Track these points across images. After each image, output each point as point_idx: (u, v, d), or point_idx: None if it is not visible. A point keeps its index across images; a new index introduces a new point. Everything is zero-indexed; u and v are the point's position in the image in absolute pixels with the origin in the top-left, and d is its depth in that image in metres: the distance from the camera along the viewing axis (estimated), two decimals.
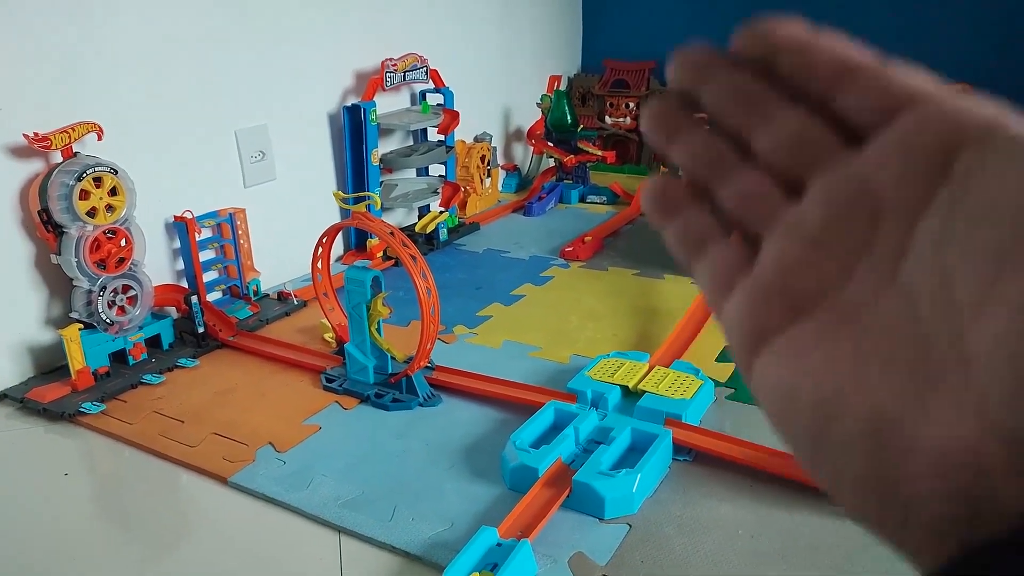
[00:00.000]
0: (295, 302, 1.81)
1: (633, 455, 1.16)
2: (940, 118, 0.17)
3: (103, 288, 1.45)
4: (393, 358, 1.42)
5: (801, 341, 0.18)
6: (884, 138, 0.18)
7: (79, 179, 1.37)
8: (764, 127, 0.20)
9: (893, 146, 0.18)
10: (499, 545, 0.97)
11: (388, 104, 2.22)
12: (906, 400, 0.16)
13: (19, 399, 1.39)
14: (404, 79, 2.17)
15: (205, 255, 1.72)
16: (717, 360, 1.51)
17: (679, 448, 1.19)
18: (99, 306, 1.44)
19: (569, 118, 2.66)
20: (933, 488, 0.15)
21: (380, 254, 2.08)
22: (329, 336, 1.60)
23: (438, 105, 2.31)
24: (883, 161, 0.18)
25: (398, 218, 2.38)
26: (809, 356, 0.18)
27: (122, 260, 1.48)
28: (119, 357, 1.50)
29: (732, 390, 1.39)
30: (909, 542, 0.16)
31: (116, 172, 1.44)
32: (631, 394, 1.31)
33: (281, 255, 1.93)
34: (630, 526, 1.05)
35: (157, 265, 1.65)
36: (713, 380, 1.38)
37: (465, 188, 2.47)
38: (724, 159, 0.21)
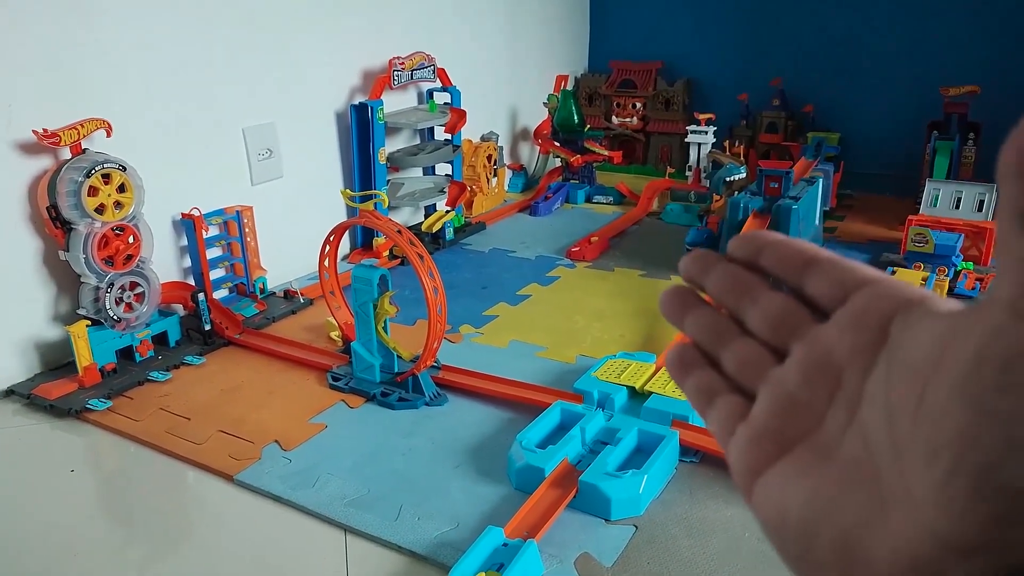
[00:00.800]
0: (301, 300, 1.81)
1: (639, 456, 1.16)
2: (880, 296, 0.22)
3: (111, 285, 1.45)
4: (399, 357, 1.42)
5: (788, 474, 0.23)
6: (840, 314, 0.23)
7: (88, 175, 1.38)
8: (753, 307, 0.26)
9: (847, 320, 0.23)
10: (505, 545, 0.97)
11: (395, 103, 2.22)
12: (866, 521, 0.20)
13: (26, 395, 1.40)
14: (411, 78, 2.17)
15: (212, 252, 1.73)
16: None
17: (686, 449, 1.19)
18: (107, 303, 1.44)
19: (576, 118, 2.65)
20: None
21: (387, 252, 2.08)
22: (335, 334, 1.60)
23: (445, 104, 2.31)
24: (840, 332, 0.23)
25: (404, 217, 2.38)
26: (794, 487, 0.22)
27: (130, 257, 1.48)
28: (126, 354, 1.50)
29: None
30: None
31: (125, 169, 1.44)
32: (638, 395, 1.31)
33: (288, 253, 1.93)
34: (636, 527, 1.05)
35: (164, 262, 1.65)
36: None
37: (471, 187, 2.47)
38: (725, 332, 0.27)
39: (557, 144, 2.72)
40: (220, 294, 1.77)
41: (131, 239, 1.48)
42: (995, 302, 0.18)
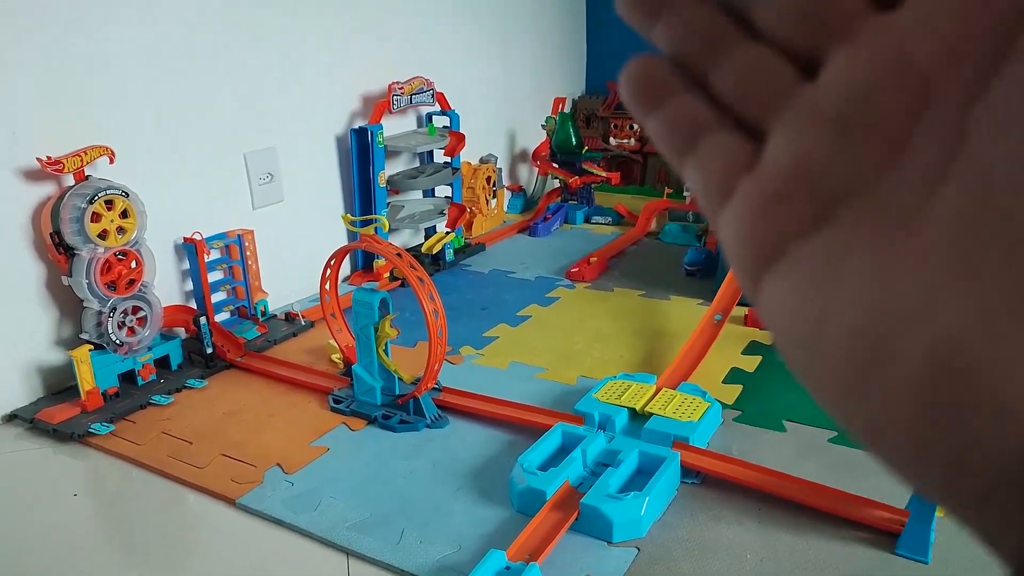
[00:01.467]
0: (302, 323, 1.82)
1: (641, 478, 1.16)
2: None
3: (113, 309, 1.46)
4: (400, 379, 1.42)
5: (830, 252, 0.14)
6: None
7: (91, 202, 1.39)
8: None
9: (939, 3, 0.13)
10: (508, 568, 0.97)
11: (395, 126, 2.25)
12: (990, 325, 0.12)
13: (29, 420, 1.40)
14: (411, 102, 2.20)
15: (214, 276, 1.74)
16: (724, 382, 1.51)
17: (687, 471, 1.19)
18: (109, 327, 1.45)
19: (574, 139, 2.68)
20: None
21: (387, 274, 2.09)
22: (336, 357, 1.61)
23: (444, 127, 2.33)
24: (925, 21, 0.13)
25: (404, 238, 2.40)
26: (845, 270, 0.14)
27: (132, 282, 1.49)
28: (128, 378, 1.51)
29: (739, 412, 1.39)
30: (990, 520, 0.12)
31: (127, 195, 1.45)
32: (638, 416, 1.32)
33: (289, 276, 1.94)
34: (638, 549, 1.05)
35: (166, 286, 1.67)
36: (720, 402, 1.38)
37: (471, 209, 2.48)
38: (720, 33, 0.17)
39: (555, 165, 2.75)
40: (222, 317, 1.78)
41: (133, 264, 1.49)
42: None
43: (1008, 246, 0.12)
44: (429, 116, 2.36)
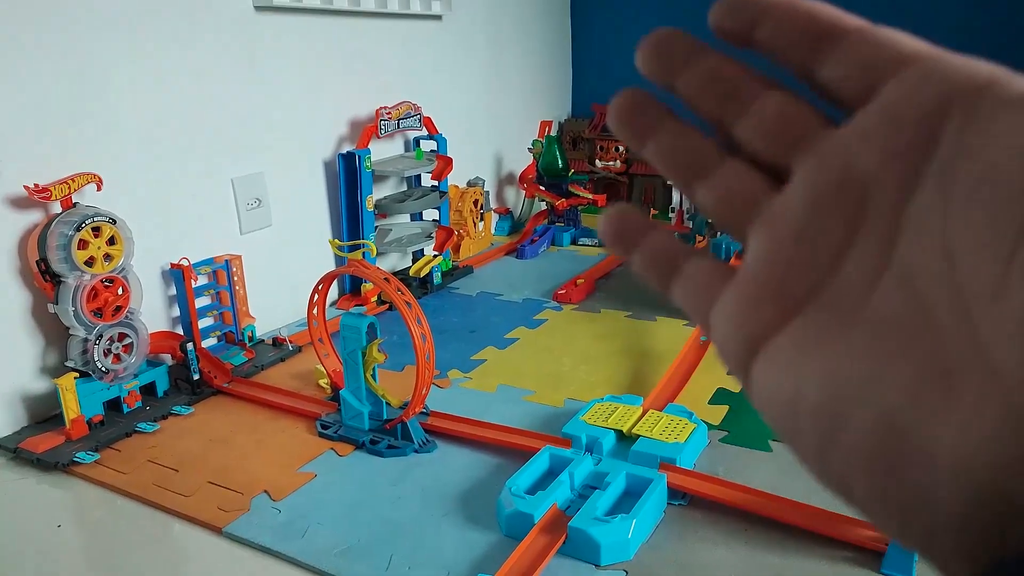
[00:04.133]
0: (290, 348, 1.82)
1: (628, 500, 1.16)
2: (925, 81, 0.15)
3: (99, 336, 1.45)
4: (388, 404, 1.42)
5: (798, 343, 0.17)
6: (867, 110, 0.16)
7: (78, 229, 1.39)
8: (742, 112, 0.19)
9: (876, 118, 0.16)
10: None
11: (382, 151, 2.26)
12: (918, 399, 0.14)
13: (12, 449, 1.39)
14: (398, 127, 2.22)
15: (201, 301, 1.74)
16: (710, 403, 1.52)
17: (674, 492, 1.19)
18: (95, 354, 1.45)
19: (560, 162, 2.71)
20: (958, 494, 0.14)
21: (375, 298, 2.09)
22: (324, 382, 1.61)
23: (432, 151, 2.35)
24: (866, 136, 0.16)
25: (392, 262, 2.41)
26: (809, 358, 0.16)
27: (119, 308, 1.49)
28: (114, 405, 1.50)
29: (726, 433, 1.40)
30: (936, 551, 0.15)
31: (115, 222, 1.46)
32: (625, 438, 1.32)
33: (276, 301, 1.94)
34: (626, 572, 1.05)
35: (153, 312, 1.66)
36: (706, 423, 1.39)
37: (459, 232, 2.50)
38: (702, 154, 0.19)
39: (542, 188, 2.77)
40: (209, 343, 1.77)
41: (120, 291, 1.49)
42: None
43: (926, 335, 0.15)
44: (417, 140, 2.38)
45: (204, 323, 1.75)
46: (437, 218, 2.38)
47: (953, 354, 0.14)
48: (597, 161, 3.10)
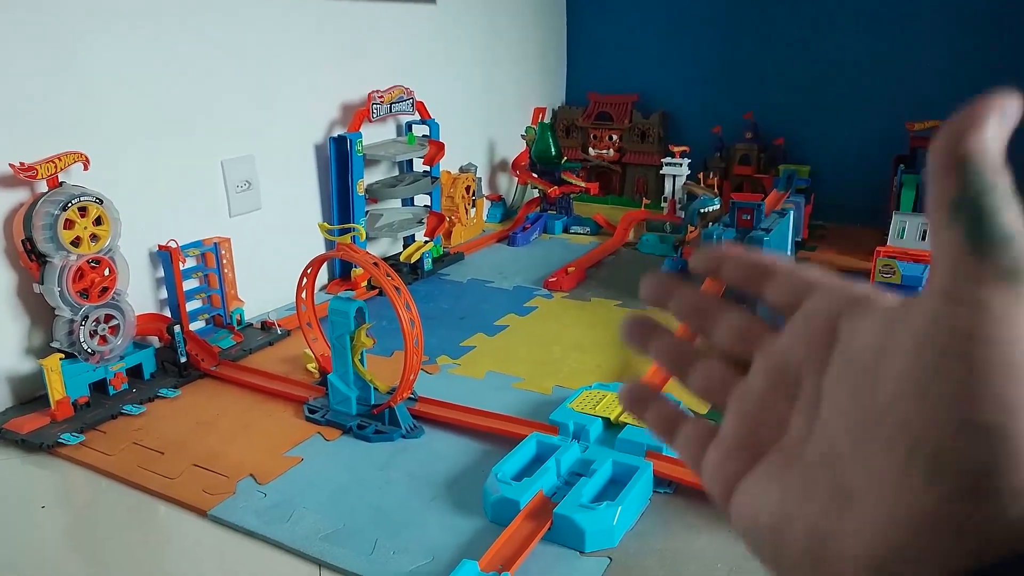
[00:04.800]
0: (278, 332, 1.81)
1: (614, 487, 1.17)
2: (827, 297, 0.23)
3: (85, 317, 1.44)
4: (376, 389, 1.42)
5: (760, 481, 0.23)
6: (793, 319, 0.24)
7: (64, 209, 1.38)
8: (715, 325, 0.27)
9: (799, 324, 0.24)
10: None
11: (374, 135, 2.25)
12: (831, 514, 0.20)
13: None
14: (390, 111, 2.20)
15: (189, 284, 1.72)
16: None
17: (660, 480, 1.20)
18: (81, 335, 1.44)
19: (553, 150, 2.70)
20: None
21: (364, 283, 2.08)
22: (312, 366, 1.61)
23: (424, 136, 2.34)
24: (794, 337, 0.24)
25: (383, 247, 2.40)
26: (765, 491, 0.23)
27: (105, 289, 1.47)
28: (99, 387, 1.49)
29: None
30: None
31: (101, 202, 1.44)
32: (613, 426, 1.32)
33: (265, 284, 1.93)
34: (611, 559, 1.05)
35: (140, 294, 1.65)
36: (693, 412, 1.39)
37: (450, 218, 2.49)
38: (687, 354, 0.28)
39: (535, 175, 2.76)
40: (197, 326, 1.76)
41: (107, 272, 1.48)
42: (931, 291, 0.19)
43: (838, 468, 0.21)
44: (409, 125, 2.37)
45: (192, 306, 1.74)
46: (428, 204, 2.37)
47: (853, 480, 0.20)
48: (591, 149, 3.09)
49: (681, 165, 2.75)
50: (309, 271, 1.49)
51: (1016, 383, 0.18)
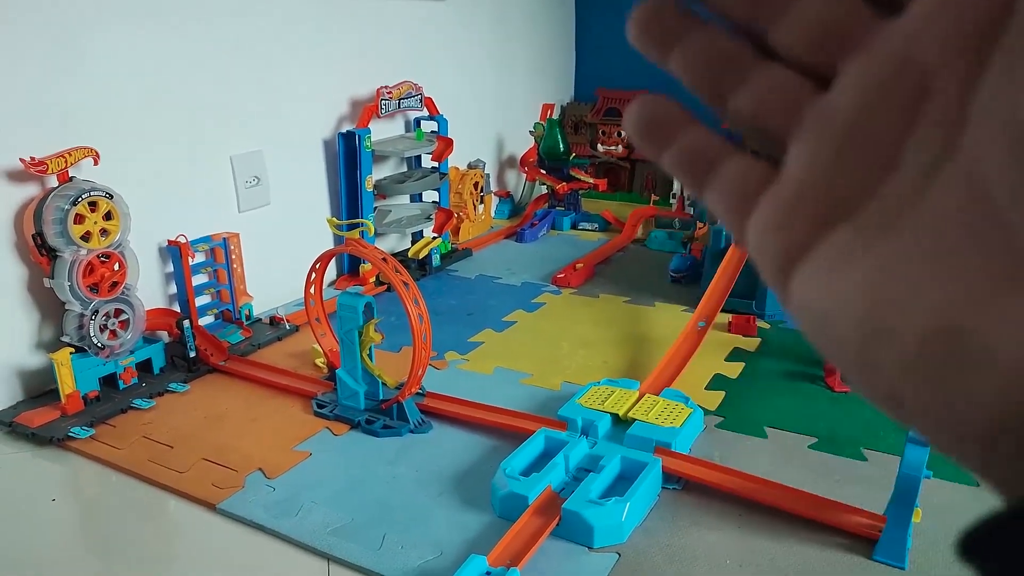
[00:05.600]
0: (287, 327, 1.81)
1: (622, 483, 1.16)
2: None
3: (95, 312, 1.45)
4: (384, 384, 1.42)
5: (845, 250, 0.16)
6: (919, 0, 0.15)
7: (74, 203, 1.38)
8: (782, 15, 0.17)
9: (931, 5, 0.15)
10: (488, 574, 0.97)
11: (383, 131, 2.25)
12: (979, 303, 0.13)
13: (7, 423, 1.39)
14: (399, 107, 2.20)
15: (198, 279, 1.73)
16: (707, 388, 1.52)
17: (668, 476, 1.19)
18: (91, 330, 1.44)
19: (562, 146, 2.69)
20: (1008, 404, 0.13)
21: (373, 279, 2.08)
22: (321, 361, 1.61)
23: (432, 132, 2.33)
24: (922, 24, 0.15)
25: (391, 243, 2.40)
26: (856, 265, 0.15)
27: (115, 284, 1.48)
28: (109, 381, 1.50)
29: (721, 418, 1.40)
30: (993, 471, 0.14)
31: (111, 197, 1.45)
32: (621, 422, 1.32)
33: (274, 279, 1.93)
34: (619, 555, 1.05)
35: (150, 289, 1.66)
36: (702, 408, 1.38)
37: (458, 214, 2.49)
38: (735, 58, 0.18)
39: (543, 172, 2.75)
40: (206, 321, 1.77)
41: (117, 266, 1.49)
42: None
43: (991, 232, 0.13)
44: (417, 121, 2.36)
45: (201, 301, 1.75)
46: (437, 200, 2.37)
47: (1022, 253, 0.13)
48: (599, 145, 3.08)
49: None
50: (318, 266, 1.49)
51: None
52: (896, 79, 0.15)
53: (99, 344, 1.46)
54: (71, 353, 1.42)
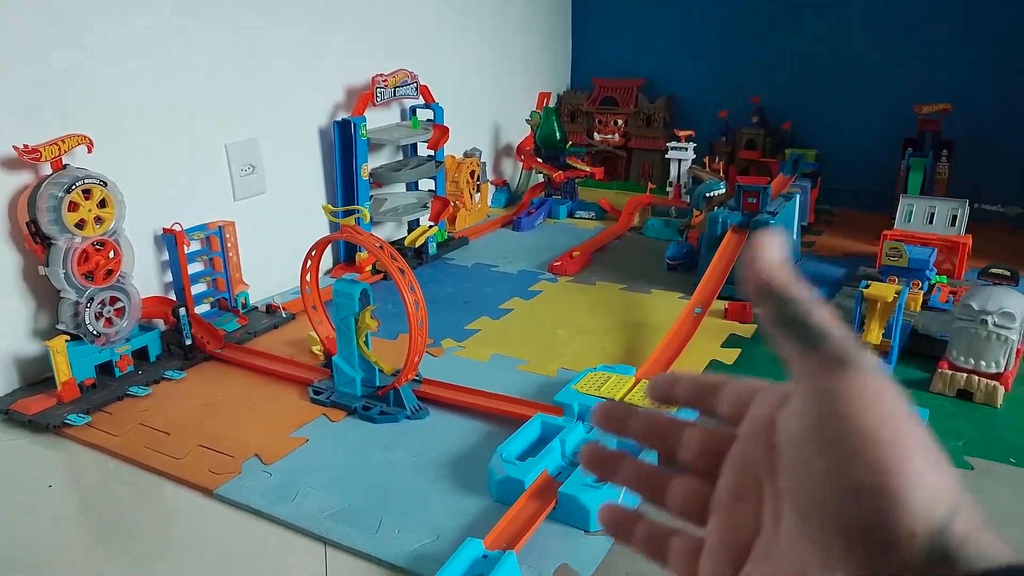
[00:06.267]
0: (283, 315, 1.81)
1: None
2: (768, 398, 0.26)
3: (90, 300, 1.44)
4: (381, 371, 1.42)
5: (750, 574, 0.26)
6: (742, 427, 0.27)
7: (68, 191, 1.38)
8: (678, 444, 0.29)
9: (747, 431, 0.26)
10: (485, 557, 0.98)
11: (378, 119, 2.24)
12: None
13: (4, 411, 1.39)
14: (394, 95, 2.19)
15: (194, 267, 1.73)
16: (703, 374, 1.52)
17: None
18: (86, 318, 1.44)
19: (558, 134, 2.68)
20: None
21: (369, 267, 2.08)
22: (317, 349, 1.61)
23: (428, 120, 2.33)
24: (746, 443, 0.26)
25: (387, 232, 2.39)
26: None
27: (110, 272, 1.48)
28: (105, 369, 1.50)
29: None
30: None
31: (105, 184, 1.44)
32: None
33: (270, 268, 1.93)
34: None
35: (145, 277, 1.65)
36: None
37: (455, 203, 2.48)
38: (655, 476, 0.30)
39: (539, 160, 2.75)
40: (202, 309, 1.77)
41: (111, 254, 1.48)
42: (794, 391, 0.23)
43: (799, 559, 0.23)
44: (413, 109, 2.36)
45: (197, 289, 1.75)
46: (433, 188, 2.36)
47: (810, 565, 0.22)
48: (595, 134, 3.07)
49: (686, 150, 2.74)
50: (313, 253, 1.49)
51: (880, 446, 0.21)
52: (745, 473, 0.26)
53: (95, 332, 1.46)
54: (67, 341, 1.41)
